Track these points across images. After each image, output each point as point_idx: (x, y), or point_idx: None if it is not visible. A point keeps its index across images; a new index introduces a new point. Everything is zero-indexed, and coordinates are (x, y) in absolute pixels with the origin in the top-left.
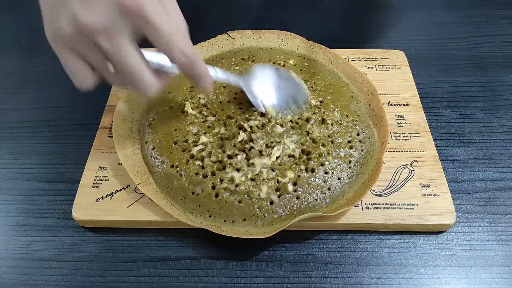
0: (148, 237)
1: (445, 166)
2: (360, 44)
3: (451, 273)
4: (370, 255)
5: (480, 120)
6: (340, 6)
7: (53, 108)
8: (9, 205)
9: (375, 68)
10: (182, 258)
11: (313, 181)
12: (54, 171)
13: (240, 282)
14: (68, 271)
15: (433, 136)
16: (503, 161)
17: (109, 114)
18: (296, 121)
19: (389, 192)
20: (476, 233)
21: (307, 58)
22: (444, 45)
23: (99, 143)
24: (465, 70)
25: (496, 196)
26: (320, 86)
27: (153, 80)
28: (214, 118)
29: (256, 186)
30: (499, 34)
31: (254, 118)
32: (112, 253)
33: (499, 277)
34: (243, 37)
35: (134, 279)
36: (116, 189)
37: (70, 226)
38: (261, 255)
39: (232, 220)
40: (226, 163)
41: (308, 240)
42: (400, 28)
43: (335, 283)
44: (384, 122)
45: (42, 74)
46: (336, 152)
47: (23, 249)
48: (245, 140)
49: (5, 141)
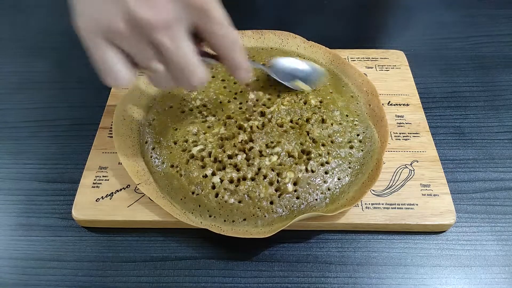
0: (148, 237)
1: (445, 166)
2: (360, 44)
3: (451, 273)
4: (370, 255)
5: (480, 120)
6: (340, 6)
7: (53, 108)
8: (10, 205)
9: (375, 68)
10: (182, 258)
11: (313, 181)
12: (54, 171)
13: (240, 282)
14: (69, 271)
15: (433, 136)
16: (503, 161)
17: (109, 114)
18: (296, 121)
19: (389, 192)
20: (476, 233)
21: (307, 58)
22: (444, 45)
23: (99, 143)
24: (465, 70)
25: (496, 196)
26: (320, 86)
27: (204, 72)
28: (214, 118)
29: (256, 186)
30: (499, 34)
31: (254, 118)
32: (112, 253)
33: (499, 277)
34: (243, 37)
35: (134, 279)
36: (116, 189)
37: (70, 226)
38: (261, 255)
39: (232, 220)
40: (226, 163)
41: (308, 240)
42: (400, 28)
43: (335, 283)
44: (384, 122)
45: (42, 74)
46: (336, 152)
47: (24, 249)
48: (245, 140)
49: (5, 141)
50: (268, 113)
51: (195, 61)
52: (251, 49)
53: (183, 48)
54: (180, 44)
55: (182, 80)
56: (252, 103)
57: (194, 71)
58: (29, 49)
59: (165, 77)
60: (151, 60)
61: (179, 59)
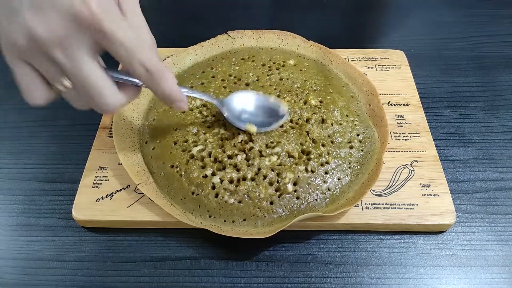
0: (148, 237)
1: (445, 166)
2: (360, 44)
3: (451, 273)
4: (370, 255)
5: (480, 120)
6: (340, 6)
7: (53, 108)
8: (10, 205)
9: (375, 68)
10: (182, 258)
11: (313, 181)
12: (54, 171)
13: (240, 282)
14: (69, 271)
15: (433, 136)
16: (503, 161)
17: (109, 114)
18: (296, 121)
19: (389, 192)
20: (476, 233)
21: (307, 58)
22: (444, 45)
23: (99, 143)
24: (465, 70)
25: (496, 196)
26: (320, 86)
27: (115, 94)
28: (214, 118)
29: (256, 186)
30: (500, 34)
31: None
32: (112, 253)
33: (499, 277)
34: (243, 37)
35: (134, 279)
36: (116, 189)
37: (70, 226)
38: (261, 255)
39: (232, 220)
40: (226, 163)
41: (308, 240)
42: (400, 28)
43: (335, 283)
44: (384, 122)
45: None
46: (336, 152)
47: (24, 249)
48: (245, 140)
49: (5, 141)
50: None
51: (99, 80)
52: (251, 49)
53: (81, 67)
54: (77, 62)
55: (91, 100)
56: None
57: (100, 93)
58: None
59: (75, 96)
60: (58, 77)
61: (77, 78)
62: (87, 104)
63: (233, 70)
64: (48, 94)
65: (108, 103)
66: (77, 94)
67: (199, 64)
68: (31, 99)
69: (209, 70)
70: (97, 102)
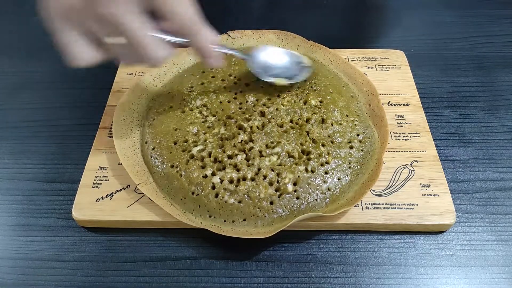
0: (148, 237)
1: (445, 166)
2: (360, 44)
3: (451, 273)
4: (370, 255)
5: (480, 120)
6: (340, 6)
7: (53, 108)
8: (9, 205)
9: (375, 68)
10: (182, 258)
11: (313, 181)
12: (54, 171)
13: (240, 282)
14: (68, 271)
15: (433, 136)
16: (503, 161)
17: (109, 114)
18: (296, 121)
19: (389, 192)
20: (476, 233)
21: (307, 58)
22: (444, 45)
23: (99, 143)
24: (465, 70)
25: (496, 196)
26: (320, 86)
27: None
28: (214, 118)
29: (256, 186)
30: (499, 34)
31: (254, 118)
32: (112, 253)
33: (499, 277)
34: (243, 37)
35: (134, 279)
36: (116, 189)
37: (70, 226)
38: (261, 255)
39: (232, 220)
40: (226, 163)
41: (308, 240)
42: (400, 28)
43: (335, 283)
44: (384, 122)
45: (42, 74)
46: (336, 152)
47: (23, 249)
48: (245, 140)
49: (5, 141)
50: (268, 113)
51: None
52: (251, 49)
53: (134, 23)
54: (130, 18)
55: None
56: (252, 103)
57: (148, 45)
58: (30, 49)
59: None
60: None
61: (131, 33)
62: (137, 59)
63: (233, 70)
64: (94, 55)
65: (158, 56)
66: (129, 50)
67: (199, 64)
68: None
69: (209, 70)
70: (149, 55)
